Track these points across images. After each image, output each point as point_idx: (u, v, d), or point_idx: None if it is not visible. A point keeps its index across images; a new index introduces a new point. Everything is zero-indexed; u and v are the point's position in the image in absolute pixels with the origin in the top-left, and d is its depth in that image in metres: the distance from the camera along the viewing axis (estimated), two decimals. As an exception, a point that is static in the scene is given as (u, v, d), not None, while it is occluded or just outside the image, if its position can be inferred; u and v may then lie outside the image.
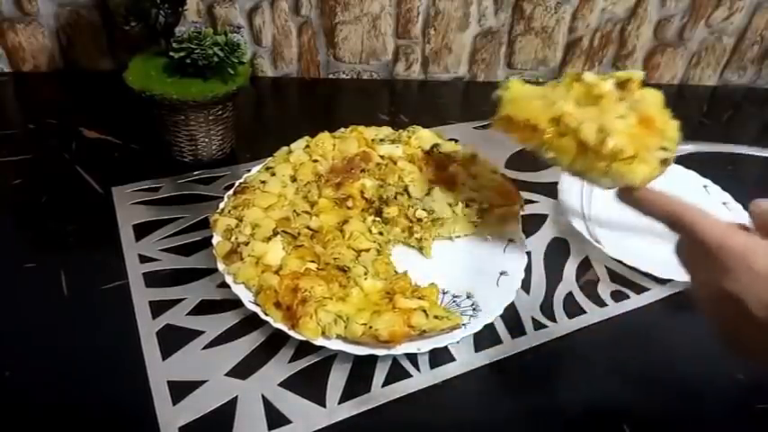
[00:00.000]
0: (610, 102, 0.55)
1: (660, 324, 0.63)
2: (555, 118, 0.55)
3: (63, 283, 0.61)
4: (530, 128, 0.56)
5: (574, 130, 0.54)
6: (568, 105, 0.55)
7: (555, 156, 0.56)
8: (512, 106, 0.58)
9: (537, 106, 0.56)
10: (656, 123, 0.54)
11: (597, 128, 0.53)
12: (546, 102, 0.56)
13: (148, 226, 0.68)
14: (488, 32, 1.00)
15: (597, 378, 0.57)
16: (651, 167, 0.52)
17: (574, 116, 0.54)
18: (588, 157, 0.53)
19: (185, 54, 0.70)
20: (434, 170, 0.71)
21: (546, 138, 0.55)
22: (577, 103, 0.56)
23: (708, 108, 1.04)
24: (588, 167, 0.54)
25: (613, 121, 0.53)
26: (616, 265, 0.68)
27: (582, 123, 0.54)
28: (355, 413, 0.52)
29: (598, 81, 0.56)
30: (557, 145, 0.55)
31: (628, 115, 0.54)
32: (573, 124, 0.54)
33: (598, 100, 0.56)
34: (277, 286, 0.56)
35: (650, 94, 0.56)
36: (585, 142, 0.53)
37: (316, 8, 0.94)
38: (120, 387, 0.52)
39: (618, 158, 0.52)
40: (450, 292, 0.61)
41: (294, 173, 0.70)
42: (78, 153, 0.79)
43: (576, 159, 0.55)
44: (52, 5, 0.91)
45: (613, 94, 0.56)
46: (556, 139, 0.55)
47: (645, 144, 0.53)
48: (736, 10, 1.00)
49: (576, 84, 0.57)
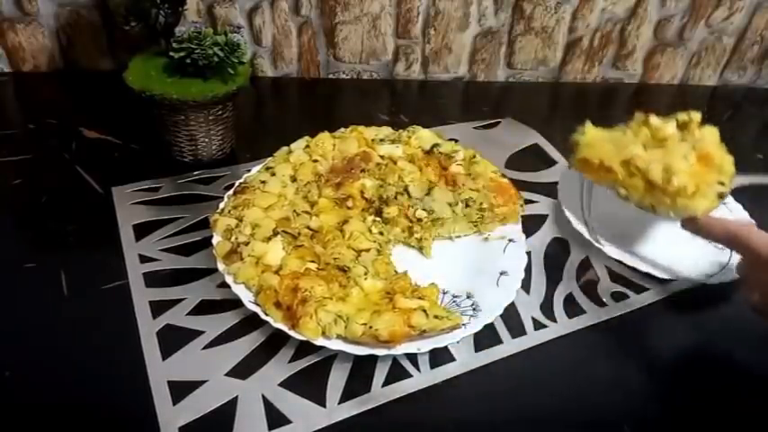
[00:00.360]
0: (673, 143, 0.63)
1: (660, 324, 0.63)
2: (626, 160, 0.62)
3: (63, 283, 0.61)
4: (604, 169, 0.63)
5: (643, 171, 0.61)
6: (637, 148, 0.62)
7: (627, 193, 0.63)
8: (587, 150, 0.65)
9: (610, 150, 0.63)
10: (714, 160, 0.61)
11: (663, 168, 0.60)
12: (617, 145, 0.63)
13: (148, 226, 0.68)
14: (488, 32, 1.00)
15: (597, 378, 0.57)
16: (710, 200, 0.59)
17: (642, 158, 0.61)
18: (656, 194, 0.61)
19: (185, 54, 0.70)
20: (434, 170, 0.71)
21: (618, 178, 0.62)
22: (645, 146, 0.63)
23: (708, 108, 1.04)
24: (656, 203, 0.61)
25: (677, 161, 0.60)
26: (616, 265, 0.68)
27: (649, 165, 0.61)
28: (355, 413, 0.52)
29: (662, 125, 0.64)
30: (628, 184, 0.62)
31: (689, 154, 0.61)
32: (642, 166, 0.61)
33: (663, 142, 0.63)
34: (277, 286, 0.56)
35: (708, 132, 0.64)
36: (653, 182, 0.60)
37: (316, 8, 0.95)
38: (120, 387, 0.52)
39: (682, 195, 0.59)
40: (451, 292, 0.61)
41: (294, 173, 0.70)
42: (78, 153, 0.79)
43: (645, 196, 0.61)
44: (52, 5, 0.91)
45: (676, 136, 0.64)
46: (627, 179, 0.62)
47: (705, 180, 0.60)
48: (736, 10, 1.00)
49: (644, 127, 0.64)
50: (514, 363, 0.57)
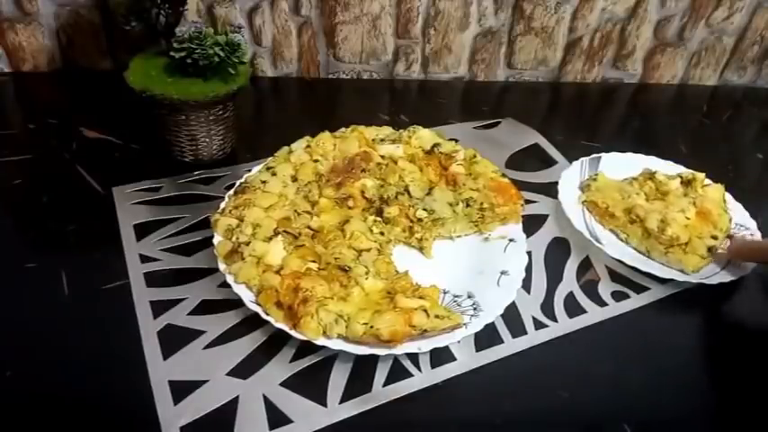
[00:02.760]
0: (675, 197, 0.72)
1: (660, 324, 0.63)
2: (628, 208, 0.71)
3: (63, 282, 0.61)
4: (608, 213, 0.72)
5: (641, 219, 0.69)
6: (640, 199, 0.72)
7: (626, 237, 0.71)
8: (597, 194, 0.74)
9: (615, 197, 0.73)
10: (712, 216, 0.70)
11: (660, 218, 0.68)
12: (623, 194, 0.73)
13: (149, 226, 0.68)
14: (488, 32, 1.00)
15: (597, 378, 0.57)
16: (700, 254, 0.66)
17: (642, 208, 0.70)
18: (651, 242, 0.68)
19: (186, 54, 0.70)
20: (435, 170, 0.71)
21: (620, 223, 0.71)
22: (648, 197, 0.73)
23: (708, 108, 1.04)
24: (651, 249, 0.68)
25: (674, 213, 0.69)
26: (616, 265, 0.68)
27: (648, 214, 0.69)
28: (356, 413, 0.52)
29: (667, 180, 0.74)
30: (628, 229, 0.71)
31: (688, 209, 0.70)
32: (641, 214, 0.70)
33: (665, 195, 0.73)
34: (278, 286, 0.56)
35: (712, 190, 0.74)
36: (650, 230, 0.68)
37: (316, 8, 0.94)
38: (120, 387, 0.52)
39: (674, 245, 0.67)
40: (451, 292, 0.61)
41: (295, 173, 0.70)
42: (79, 153, 0.79)
43: (642, 242, 0.69)
44: (52, 5, 0.91)
45: (679, 191, 0.73)
46: (628, 225, 0.71)
47: (698, 233, 0.68)
48: (736, 10, 1.01)
49: (649, 181, 0.75)
50: (515, 362, 0.57)
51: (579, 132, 0.93)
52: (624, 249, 0.70)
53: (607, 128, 0.98)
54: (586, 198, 0.74)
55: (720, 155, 0.92)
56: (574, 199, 0.75)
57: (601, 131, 0.96)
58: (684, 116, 1.01)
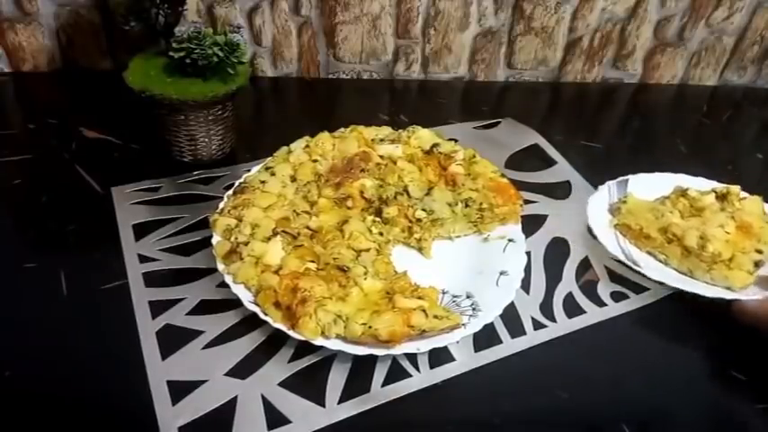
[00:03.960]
0: (711, 212, 0.69)
1: (660, 324, 0.63)
2: (663, 228, 0.68)
3: (63, 282, 0.61)
4: (644, 235, 0.68)
5: (679, 238, 0.66)
6: (675, 217, 0.69)
7: (666, 258, 0.67)
8: (628, 217, 0.70)
9: (649, 218, 0.69)
10: (753, 229, 0.67)
11: (699, 235, 0.65)
12: (656, 214, 0.69)
13: (148, 226, 0.68)
14: (488, 32, 1.00)
15: (597, 378, 0.57)
16: (746, 270, 0.63)
17: (679, 226, 0.67)
18: (692, 260, 0.65)
19: (185, 54, 0.70)
20: (434, 170, 0.71)
21: (657, 244, 0.68)
22: (683, 215, 0.69)
23: (708, 108, 1.03)
24: (693, 268, 0.65)
25: (713, 229, 0.66)
26: (615, 266, 0.68)
27: (685, 232, 0.66)
28: (355, 413, 0.52)
29: (701, 196, 0.70)
30: (666, 250, 0.67)
31: (727, 223, 0.67)
32: (678, 233, 0.66)
33: (701, 211, 0.69)
34: (277, 286, 0.56)
35: (750, 203, 0.70)
36: (689, 248, 0.65)
37: (316, 8, 0.94)
38: (119, 387, 0.52)
39: (717, 261, 0.64)
40: (450, 292, 0.61)
41: (294, 173, 0.70)
42: (78, 153, 0.79)
43: (682, 261, 0.66)
44: (52, 5, 0.91)
45: (715, 206, 0.70)
46: (665, 245, 0.67)
47: (741, 248, 0.65)
48: (736, 10, 1.00)
49: (682, 198, 0.71)
50: (514, 363, 0.57)
51: (579, 132, 0.92)
52: (665, 271, 0.66)
53: (607, 128, 0.98)
54: (618, 221, 0.70)
55: (720, 155, 0.92)
56: (605, 223, 0.71)
57: (601, 131, 0.96)
58: (684, 116, 1.01)
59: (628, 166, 0.78)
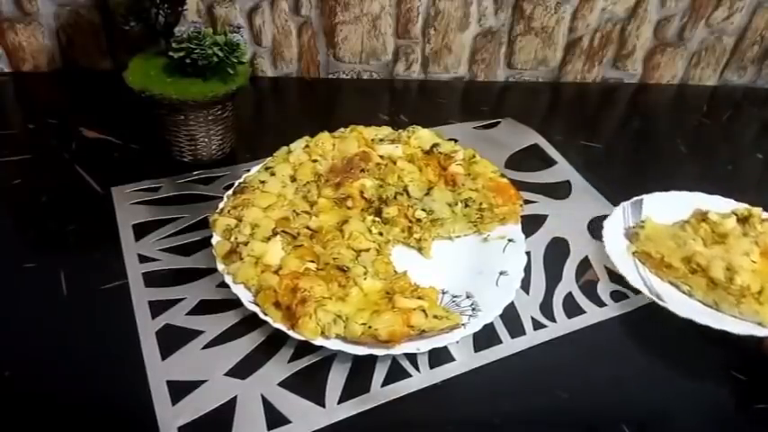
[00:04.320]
0: (734, 238, 0.65)
1: (659, 324, 0.63)
2: (687, 257, 0.64)
3: (63, 282, 0.61)
4: (665, 264, 0.65)
5: (704, 269, 0.62)
6: (698, 245, 0.64)
7: (690, 289, 0.64)
8: (648, 244, 0.67)
9: (670, 246, 0.65)
10: None
11: (725, 266, 0.61)
12: (677, 242, 0.65)
13: (148, 226, 0.68)
14: (488, 32, 1.00)
15: (597, 378, 0.57)
16: None
17: (703, 255, 0.63)
18: (719, 292, 0.61)
19: (185, 54, 0.70)
20: (434, 170, 0.71)
21: (680, 275, 0.64)
22: (705, 241, 0.66)
23: (708, 108, 1.03)
24: (720, 300, 0.62)
25: (739, 258, 0.62)
26: (615, 266, 0.68)
27: (711, 262, 0.62)
28: (354, 413, 0.52)
29: (722, 219, 0.66)
30: (690, 281, 0.63)
31: (752, 250, 0.63)
32: (703, 263, 0.62)
33: (724, 237, 0.65)
34: (276, 286, 0.56)
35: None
36: (716, 279, 0.61)
37: (316, 8, 0.94)
38: (119, 387, 0.52)
39: (746, 294, 0.60)
40: (450, 292, 0.61)
41: (294, 173, 0.70)
42: (78, 153, 0.79)
43: (708, 293, 0.62)
44: (52, 5, 0.91)
45: (737, 230, 0.66)
46: (689, 275, 0.63)
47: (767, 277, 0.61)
48: (736, 10, 1.00)
49: (703, 223, 0.67)
50: (514, 363, 0.57)
51: (579, 132, 0.92)
52: (689, 304, 0.63)
53: (607, 128, 0.98)
54: (637, 249, 0.67)
55: (720, 155, 0.92)
56: (622, 249, 0.68)
57: (601, 131, 0.96)
58: (684, 116, 1.01)
59: (628, 166, 0.78)
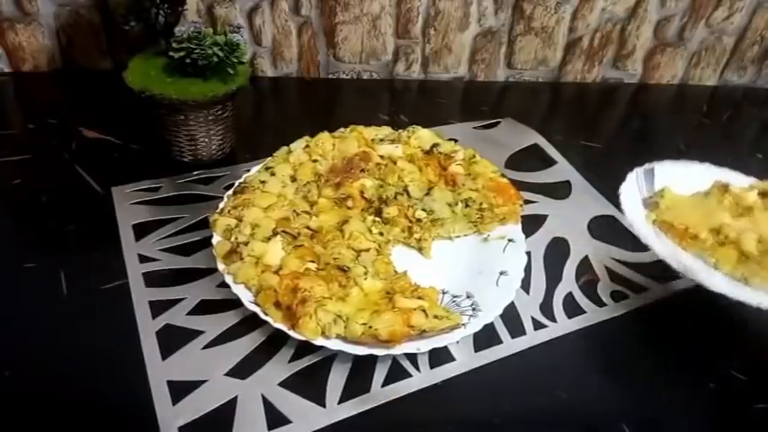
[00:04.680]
0: (759, 212, 0.62)
1: (659, 324, 0.63)
2: (714, 228, 0.61)
3: (63, 282, 0.61)
4: (690, 235, 0.62)
5: (734, 241, 0.59)
6: (726, 217, 0.62)
7: (716, 262, 0.60)
8: (670, 213, 0.64)
9: (696, 216, 0.62)
10: None
11: (757, 238, 0.59)
12: (703, 212, 0.63)
13: (148, 226, 0.68)
14: (488, 32, 1.00)
15: (597, 378, 0.57)
16: None
17: (733, 227, 0.60)
18: (750, 266, 0.59)
19: (185, 54, 0.70)
20: (434, 170, 0.71)
21: (707, 247, 0.61)
22: (730, 214, 0.63)
23: (708, 108, 1.04)
24: (750, 274, 0.59)
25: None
26: (615, 265, 0.68)
27: (741, 234, 0.59)
28: (355, 413, 0.52)
29: (744, 192, 0.64)
30: (719, 253, 0.60)
31: None
32: (732, 235, 0.60)
33: (748, 210, 0.63)
34: (277, 286, 0.56)
35: None
36: (748, 253, 0.58)
37: (316, 8, 0.94)
38: (119, 387, 0.52)
39: None
40: (450, 292, 0.61)
41: (294, 173, 0.70)
42: (78, 153, 0.79)
43: (737, 267, 0.59)
44: (52, 5, 0.91)
45: (758, 203, 0.63)
46: (717, 247, 0.61)
47: None
48: (736, 10, 1.00)
49: (726, 195, 0.65)
50: (514, 363, 0.57)
51: (579, 132, 0.92)
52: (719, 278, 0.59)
53: (607, 128, 0.98)
54: (657, 218, 0.64)
55: (720, 155, 0.91)
56: (641, 219, 0.64)
57: (601, 131, 0.96)
58: (684, 116, 1.01)
59: (628, 166, 0.78)
